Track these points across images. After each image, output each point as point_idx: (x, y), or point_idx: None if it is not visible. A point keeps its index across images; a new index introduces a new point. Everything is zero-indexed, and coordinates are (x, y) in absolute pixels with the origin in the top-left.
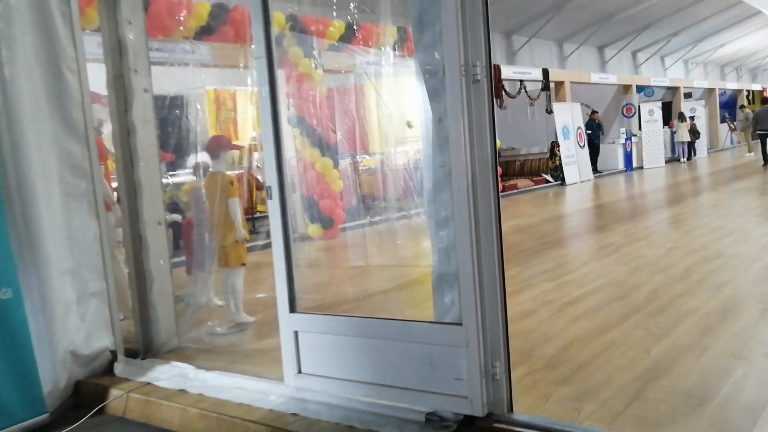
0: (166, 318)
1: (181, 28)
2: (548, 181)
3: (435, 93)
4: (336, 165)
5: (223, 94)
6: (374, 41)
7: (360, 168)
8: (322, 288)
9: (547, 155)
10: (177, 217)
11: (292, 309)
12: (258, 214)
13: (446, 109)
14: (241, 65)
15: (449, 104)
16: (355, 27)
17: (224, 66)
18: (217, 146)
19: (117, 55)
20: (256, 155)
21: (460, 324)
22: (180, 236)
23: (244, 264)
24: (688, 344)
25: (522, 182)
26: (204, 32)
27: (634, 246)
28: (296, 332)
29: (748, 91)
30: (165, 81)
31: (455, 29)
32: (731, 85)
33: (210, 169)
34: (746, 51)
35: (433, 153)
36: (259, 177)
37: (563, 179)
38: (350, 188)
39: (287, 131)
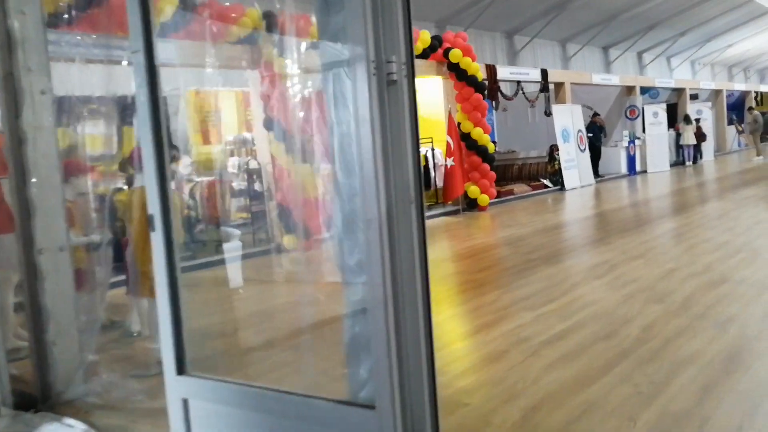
0: (65, 362)
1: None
2: (547, 187)
3: (341, 97)
4: (313, 172)
5: (205, 95)
6: None
7: None
8: (286, 310)
9: (546, 159)
10: (94, 238)
11: (181, 370)
12: (235, 222)
13: (353, 118)
14: (208, 64)
15: (355, 112)
16: None
17: (191, 66)
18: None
19: (6, 50)
20: (231, 160)
21: (373, 407)
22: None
23: None
24: (684, 411)
25: (519, 187)
26: (167, 29)
27: (630, 265)
28: (185, 400)
29: (757, 92)
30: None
31: (362, 13)
32: (739, 86)
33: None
34: (754, 51)
35: (342, 177)
36: (235, 183)
37: (562, 184)
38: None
39: (263, 136)
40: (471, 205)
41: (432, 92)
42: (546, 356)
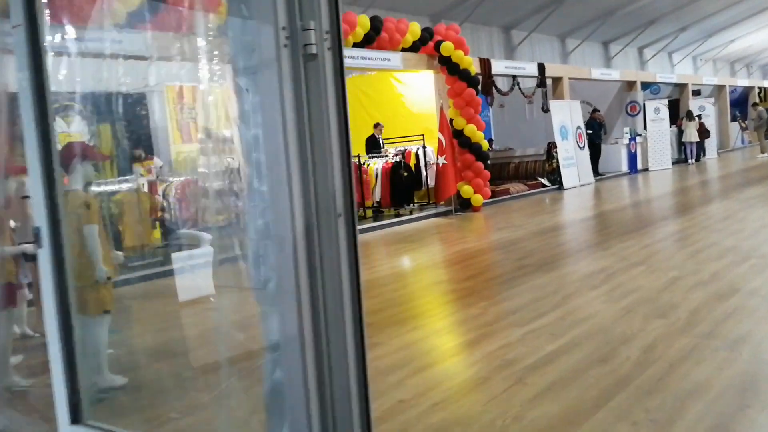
0: None
1: (105, 12)
2: (544, 186)
3: (250, 78)
4: None
5: (186, 91)
6: (344, 33)
7: None
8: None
9: (544, 157)
10: (27, 248)
11: (76, 419)
12: (214, 225)
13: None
14: (180, 57)
15: (262, 97)
16: None
17: (162, 58)
18: (69, 156)
19: None
20: (211, 159)
21: None
22: None
23: (107, 311)
24: None
25: (515, 186)
26: (135, 19)
27: (630, 273)
28: None
29: (760, 88)
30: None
31: None
32: (742, 82)
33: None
34: (757, 47)
35: (256, 182)
36: (216, 184)
37: (561, 183)
38: None
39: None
40: (464, 205)
41: (423, 87)
42: (532, 384)
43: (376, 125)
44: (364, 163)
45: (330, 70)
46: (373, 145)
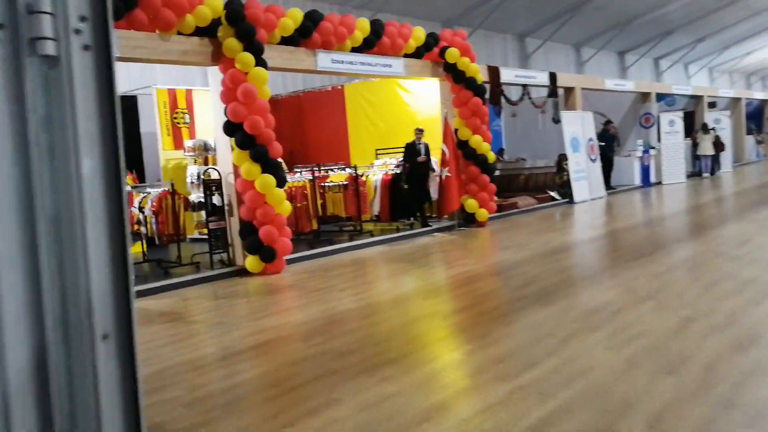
0: None
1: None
2: (554, 199)
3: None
4: (282, 183)
5: (176, 94)
6: (341, 36)
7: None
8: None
9: (554, 170)
10: None
11: None
12: (191, 237)
13: None
14: (153, 58)
15: None
16: (316, 19)
17: (131, 59)
18: None
19: None
20: (191, 170)
21: None
22: None
23: None
24: None
25: (523, 200)
26: None
27: (638, 310)
28: None
29: None
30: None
31: None
32: (758, 94)
33: None
34: None
35: None
36: (193, 196)
37: (571, 197)
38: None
39: (224, 142)
40: (468, 219)
41: (429, 95)
42: None
43: (418, 130)
44: (362, 175)
45: (89, 85)
46: (412, 153)
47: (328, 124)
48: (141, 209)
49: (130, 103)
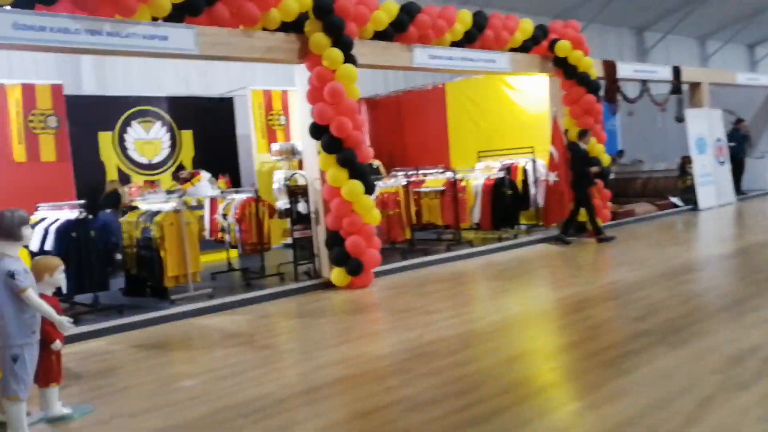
0: None
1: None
2: (676, 206)
3: None
4: (370, 191)
5: (272, 95)
6: (440, 30)
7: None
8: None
9: (677, 173)
10: None
11: None
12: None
13: None
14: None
15: None
16: (412, 11)
17: (211, 57)
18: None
19: None
20: (278, 174)
21: None
22: None
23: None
24: None
25: (641, 207)
26: (185, 11)
27: None
28: None
29: None
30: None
31: None
32: None
33: None
34: None
35: None
36: (280, 202)
37: (695, 203)
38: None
39: (311, 145)
40: (578, 229)
41: (535, 92)
42: None
43: (582, 133)
44: (461, 179)
45: None
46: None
47: (428, 125)
48: (225, 216)
49: (227, 104)
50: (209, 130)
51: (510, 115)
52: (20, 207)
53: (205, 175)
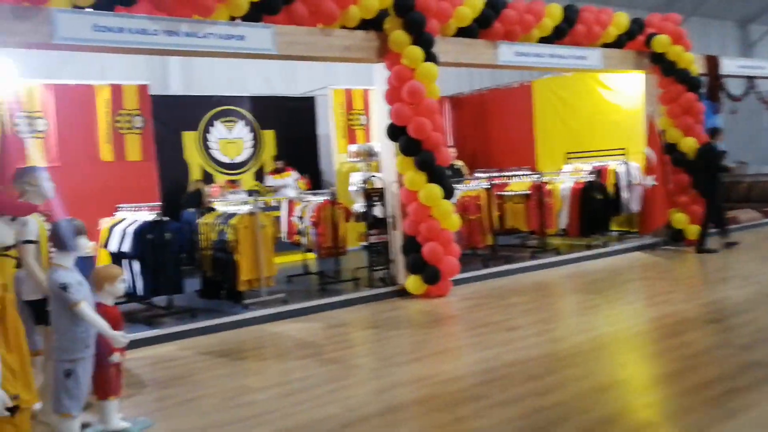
0: None
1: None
2: None
3: None
4: (449, 195)
5: (353, 94)
6: (527, 25)
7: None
8: None
9: None
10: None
11: None
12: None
13: None
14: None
15: None
16: (498, 6)
17: (291, 57)
18: None
19: None
20: (354, 177)
21: None
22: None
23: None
24: None
25: (746, 214)
26: (263, 10)
27: None
28: None
29: None
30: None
31: None
32: None
33: None
34: None
35: None
36: (357, 205)
37: None
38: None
39: (388, 147)
40: (675, 237)
41: (629, 90)
42: None
43: (714, 131)
44: (548, 182)
45: None
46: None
47: (514, 125)
48: (301, 218)
49: (308, 104)
50: (291, 130)
51: (601, 115)
52: (105, 206)
53: (294, 175)
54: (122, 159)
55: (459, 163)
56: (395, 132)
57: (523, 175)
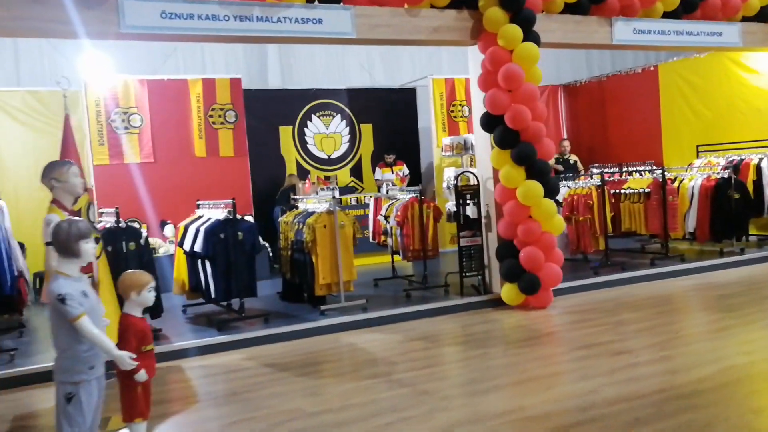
0: None
1: None
2: None
3: None
4: (553, 193)
5: (455, 84)
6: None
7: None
8: None
9: None
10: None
11: None
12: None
13: None
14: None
15: None
16: None
17: (374, 41)
18: None
19: None
20: (447, 172)
21: None
22: None
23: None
24: None
25: None
26: None
27: None
28: None
29: None
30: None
31: None
32: None
33: None
34: None
35: None
36: (449, 204)
37: None
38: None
39: (483, 139)
40: None
41: None
42: None
43: None
44: (673, 179)
45: None
46: None
47: (637, 115)
48: (386, 218)
49: (408, 96)
50: (390, 124)
51: (742, 102)
52: (200, 202)
53: (405, 169)
54: (215, 155)
55: (573, 158)
56: (490, 122)
57: (642, 170)
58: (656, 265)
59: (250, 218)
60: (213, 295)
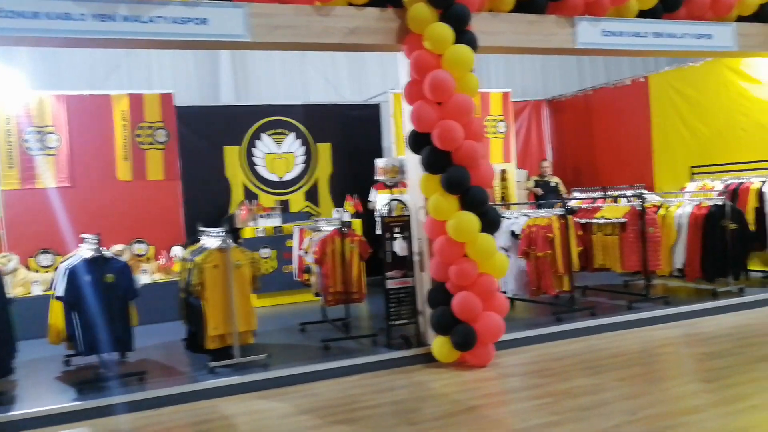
0: None
1: None
2: None
3: None
4: (491, 226)
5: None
6: None
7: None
8: None
9: None
10: None
11: None
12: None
13: None
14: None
15: None
16: None
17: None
18: None
19: None
20: (380, 199)
21: None
22: None
23: None
24: None
25: None
26: None
27: None
28: None
29: None
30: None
31: None
32: None
33: None
34: None
35: None
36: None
37: None
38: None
39: (414, 161)
40: None
41: None
42: None
43: None
44: (659, 207)
45: None
46: None
47: (625, 132)
48: (306, 253)
49: (373, 111)
50: (352, 143)
51: (742, 116)
52: (121, 231)
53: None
54: (142, 178)
55: (555, 180)
56: (418, 141)
57: (617, 196)
58: (634, 309)
59: (124, 259)
60: (81, 348)
